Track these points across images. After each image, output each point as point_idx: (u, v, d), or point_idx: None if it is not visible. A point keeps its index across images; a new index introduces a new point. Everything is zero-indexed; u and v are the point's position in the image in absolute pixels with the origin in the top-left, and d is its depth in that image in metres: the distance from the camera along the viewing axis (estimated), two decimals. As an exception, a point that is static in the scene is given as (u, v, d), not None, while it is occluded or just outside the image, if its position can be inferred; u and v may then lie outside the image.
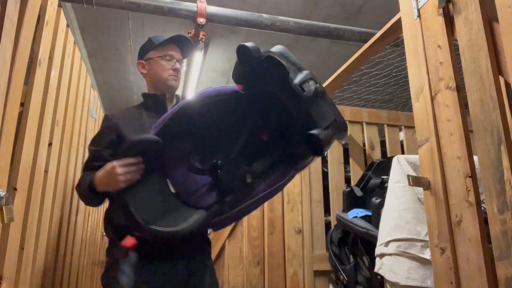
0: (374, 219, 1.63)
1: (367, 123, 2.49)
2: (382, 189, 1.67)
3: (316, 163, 2.35)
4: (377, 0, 3.27)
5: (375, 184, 1.82)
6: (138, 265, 1.09)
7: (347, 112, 2.47)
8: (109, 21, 3.54)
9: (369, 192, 1.86)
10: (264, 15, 2.86)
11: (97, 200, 1.27)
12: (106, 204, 1.34)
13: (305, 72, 0.99)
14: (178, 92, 1.57)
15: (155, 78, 1.48)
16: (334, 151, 2.40)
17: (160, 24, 3.56)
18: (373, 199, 1.66)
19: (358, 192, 1.90)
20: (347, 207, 1.90)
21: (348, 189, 1.96)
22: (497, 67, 0.98)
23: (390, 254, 1.45)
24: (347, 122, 2.47)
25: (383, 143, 2.51)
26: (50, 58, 1.55)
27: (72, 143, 1.99)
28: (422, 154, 1.22)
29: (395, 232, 1.46)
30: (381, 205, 1.57)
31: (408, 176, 1.20)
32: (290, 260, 2.19)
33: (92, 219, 2.75)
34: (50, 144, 1.62)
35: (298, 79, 0.96)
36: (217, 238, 2.42)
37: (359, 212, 1.76)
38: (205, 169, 1.12)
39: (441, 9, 1.17)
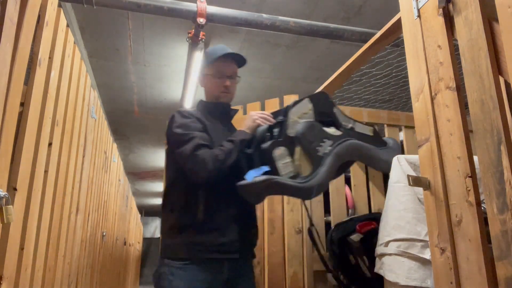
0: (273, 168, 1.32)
1: (367, 123, 2.49)
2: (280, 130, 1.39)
3: (316, 163, 2.35)
4: (377, 0, 3.27)
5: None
6: (189, 265, 1.30)
7: (347, 112, 2.47)
8: (109, 21, 3.54)
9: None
10: (264, 15, 2.86)
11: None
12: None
13: None
14: (178, 91, 1.63)
15: (208, 93, 1.60)
16: (334, 151, 2.40)
17: (160, 24, 3.57)
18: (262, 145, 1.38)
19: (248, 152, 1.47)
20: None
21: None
22: (497, 67, 0.98)
23: (390, 254, 1.45)
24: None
25: (383, 143, 2.51)
26: (50, 58, 1.55)
27: (72, 143, 1.99)
28: (422, 154, 1.22)
29: (395, 232, 1.46)
30: (272, 146, 1.32)
31: (408, 176, 1.20)
32: (290, 260, 2.19)
33: (92, 219, 2.75)
34: (50, 144, 1.62)
35: None
36: (217, 238, 2.43)
37: (256, 171, 1.34)
38: None
39: (441, 9, 1.17)
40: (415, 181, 1.19)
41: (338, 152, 1.36)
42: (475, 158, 1.04)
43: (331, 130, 1.44)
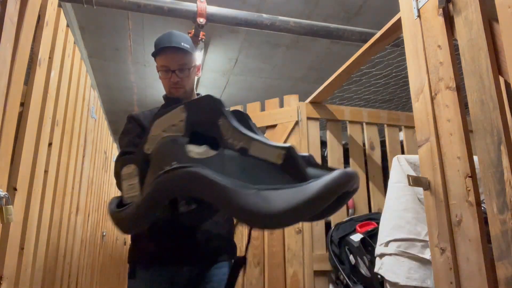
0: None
1: (367, 123, 2.49)
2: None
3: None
4: (377, 0, 3.27)
5: None
6: (145, 268, 1.29)
7: (347, 112, 2.47)
8: (109, 21, 3.54)
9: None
10: (264, 15, 2.86)
11: None
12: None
13: None
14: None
15: (163, 86, 1.44)
16: (334, 151, 2.40)
17: (160, 24, 3.56)
18: None
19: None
20: None
21: None
22: (497, 67, 0.98)
23: (390, 254, 1.45)
24: (347, 123, 2.50)
25: (383, 143, 2.51)
26: (50, 58, 1.55)
27: (72, 143, 1.99)
28: (422, 154, 1.22)
29: (395, 232, 1.46)
30: (122, 163, 1.15)
31: (408, 176, 1.20)
32: (290, 260, 2.19)
33: (92, 219, 2.75)
34: (50, 144, 1.62)
35: None
36: (217, 238, 2.43)
37: None
38: None
39: (441, 9, 1.17)
40: (415, 181, 1.19)
41: (159, 183, 0.96)
42: (475, 158, 1.04)
43: (199, 150, 0.99)
